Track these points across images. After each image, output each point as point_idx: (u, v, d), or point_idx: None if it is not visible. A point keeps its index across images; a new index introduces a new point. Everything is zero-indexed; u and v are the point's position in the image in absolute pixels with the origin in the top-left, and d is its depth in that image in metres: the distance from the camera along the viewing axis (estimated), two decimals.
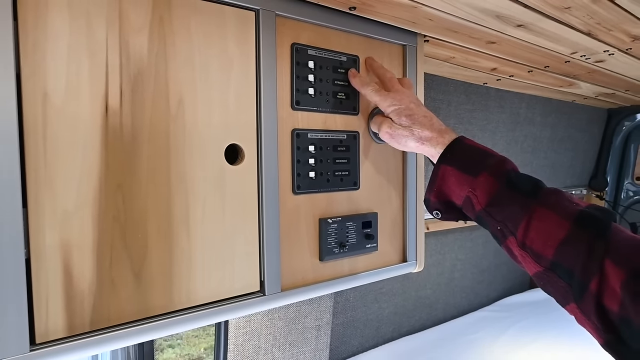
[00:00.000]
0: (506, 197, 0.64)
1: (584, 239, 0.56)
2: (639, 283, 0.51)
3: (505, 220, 0.64)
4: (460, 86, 1.43)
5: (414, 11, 0.79)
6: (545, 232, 0.59)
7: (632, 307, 0.51)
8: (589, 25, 0.91)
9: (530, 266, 0.62)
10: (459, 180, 0.68)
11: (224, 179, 0.66)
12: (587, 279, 0.55)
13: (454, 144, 0.70)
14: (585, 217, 0.58)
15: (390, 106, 0.75)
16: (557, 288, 0.59)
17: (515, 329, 1.80)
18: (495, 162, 0.67)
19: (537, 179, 0.66)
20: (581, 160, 2.21)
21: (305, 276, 0.77)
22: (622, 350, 0.54)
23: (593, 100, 1.91)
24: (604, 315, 0.54)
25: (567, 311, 0.60)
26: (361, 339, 1.54)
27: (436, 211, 0.74)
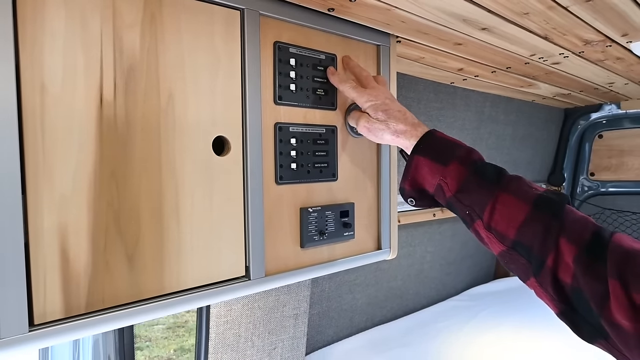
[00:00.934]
0: (473, 184, 0.70)
1: (541, 219, 0.63)
2: (589, 257, 0.58)
3: (472, 205, 0.70)
4: (430, 85, 1.51)
5: (387, 14, 0.85)
6: (508, 215, 0.66)
7: (582, 279, 0.58)
8: (546, 30, 0.99)
9: (495, 246, 0.68)
10: (431, 169, 0.74)
11: (211, 169, 0.69)
12: (544, 255, 0.62)
13: (426, 136, 0.76)
14: (542, 200, 0.65)
15: (367, 102, 0.80)
16: (519, 265, 0.66)
17: (480, 316, 1.90)
18: (463, 153, 0.73)
19: (501, 167, 0.72)
20: (540, 157, 2.34)
21: (287, 262, 0.81)
22: (574, 318, 0.61)
23: (551, 100, 2.03)
24: (558, 288, 0.61)
25: (528, 286, 0.67)
26: (336, 328, 1.60)
27: (411, 198, 0.80)
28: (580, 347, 1.51)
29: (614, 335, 0.56)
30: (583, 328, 0.60)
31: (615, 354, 0.58)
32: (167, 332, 4.74)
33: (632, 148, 2.28)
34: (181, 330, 4.76)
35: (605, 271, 0.56)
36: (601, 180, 2.40)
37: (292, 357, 1.25)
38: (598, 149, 2.40)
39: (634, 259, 0.55)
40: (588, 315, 0.58)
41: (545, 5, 0.83)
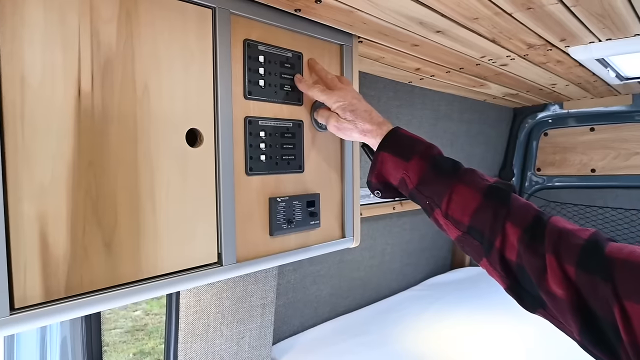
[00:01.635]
0: (432, 177, 0.77)
1: (491, 207, 0.71)
2: (530, 237, 0.66)
3: (432, 196, 0.77)
4: (389, 84, 1.59)
5: (350, 15, 0.91)
6: (463, 204, 0.74)
7: (525, 256, 0.66)
8: (494, 34, 1.08)
9: (452, 232, 0.76)
10: (395, 164, 0.81)
11: (185, 159, 0.73)
12: (493, 237, 0.69)
13: (390, 134, 0.83)
14: (492, 190, 0.73)
15: (335, 103, 0.86)
16: (473, 247, 0.73)
17: (437, 304, 2.00)
18: (424, 148, 0.81)
19: (457, 161, 0.80)
20: (492, 154, 2.49)
21: (257, 249, 0.86)
22: (519, 291, 0.69)
23: (501, 99, 2.17)
24: (505, 265, 0.69)
25: (481, 266, 0.74)
26: (301, 318, 1.65)
27: (377, 191, 0.87)
28: (524, 328, 1.63)
29: (550, 304, 0.64)
30: (526, 300, 0.68)
31: (552, 321, 0.66)
32: (126, 336, 4.63)
33: (574, 145, 2.47)
34: (140, 334, 4.67)
35: (543, 248, 0.64)
36: (547, 175, 2.58)
37: (259, 345, 1.29)
38: (544, 146, 2.57)
39: (566, 237, 0.64)
40: (530, 288, 0.66)
41: (492, 11, 0.91)
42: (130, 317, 4.96)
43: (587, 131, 2.42)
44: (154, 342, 4.58)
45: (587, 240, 0.62)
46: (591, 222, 2.38)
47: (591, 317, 0.59)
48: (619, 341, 0.56)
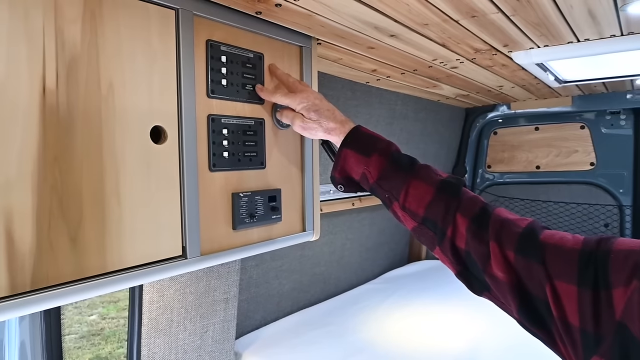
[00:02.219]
0: (391, 172, 0.84)
1: (443, 199, 0.78)
2: (476, 226, 0.73)
3: (391, 190, 0.83)
4: (347, 84, 1.64)
5: (309, 19, 0.95)
6: (418, 197, 0.80)
7: (472, 243, 0.73)
8: (443, 39, 1.15)
9: (409, 223, 0.82)
10: (356, 160, 0.87)
11: (149, 156, 0.75)
12: (445, 227, 0.76)
13: (352, 132, 0.89)
14: (444, 184, 0.80)
15: (299, 104, 0.91)
16: (428, 237, 0.80)
17: (395, 296, 2.08)
18: (383, 145, 0.87)
19: (413, 157, 0.87)
20: (445, 151, 2.61)
21: (221, 243, 0.89)
22: (468, 276, 0.76)
23: (453, 100, 2.28)
24: (456, 253, 0.76)
25: (435, 254, 0.81)
26: (264, 313, 1.68)
27: (340, 185, 0.92)
28: (474, 313, 1.74)
29: (493, 287, 0.71)
30: (474, 284, 0.75)
31: (495, 302, 0.74)
32: (81, 342, 4.49)
33: (520, 143, 2.63)
34: (97, 339, 4.54)
35: (488, 236, 0.71)
36: (496, 172, 2.73)
37: (223, 339, 1.31)
38: (493, 144, 2.72)
39: (507, 225, 0.71)
40: (477, 273, 0.73)
41: (440, 18, 0.98)
42: (85, 322, 4.81)
43: (533, 130, 2.58)
44: (112, 347, 4.47)
45: (525, 228, 0.70)
46: (536, 215, 2.55)
47: (527, 296, 0.66)
48: (551, 317, 0.63)
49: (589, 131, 2.42)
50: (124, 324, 4.70)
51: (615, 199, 2.37)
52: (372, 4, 0.88)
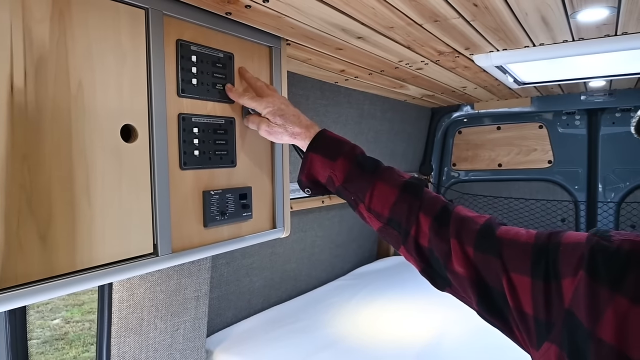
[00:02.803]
0: (356, 175, 0.87)
1: (406, 200, 0.81)
2: (438, 225, 0.77)
3: (356, 192, 0.86)
4: (316, 83, 1.67)
5: (278, 20, 0.97)
6: (383, 198, 0.83)
7: (434, 241, 0.77)
8: (408, 41, 1.20)
9: (374, 223, 0.86)
10: (322, 164, 0.89)
11: (120, 154, 0.75)
12: (409, 227, 0.80)
13: (318, 136, 0.91)
14: (407, 185, 0.83)
15: (265, 108, 0.93)
16: (393, 236, 0.83)
17: (364, 292, 2.13)
18: (348, 149, 0.90)
19: (378, 160, 0.90)
20: (413, 150, 2.68)
21: (192, 240, 0.90)
22: (431, 273, 0.80)
23: (419, 100, 2.35)
24: (419, 251, 0.80)
25: (400, 252, 0.85)
26: (235, 310, 1.69)
27: (307, 188, 0.94)
28: (437, 308, 1.81)
29: (454, 282, 0.75)
30: (437, 280, 0.79)
31: (457, 296, 0.78)
32: (44, 347, 4.34)
33: (483, 142, 2.73)
34: (60, 343, 4.40)
35: (449, 234, 0.75)
36: (461, 169, 2.82)
37: (194, 337, 1.32)
38: (458, 143, 2.81)
39: (467, 223, 0.75)
40: (439, 269, 0.77)
41: (405, 22, 1.03)
42: (48, 327, 4.66)
43: (495, 130, 2.68)
44: (77, 351, 4.35)
45: (483, 225, 0.74)
46: (498, 210, 2.66)
47: (486, 289, 0.70)
48: (508, 307, 0.68)
49: (547, 130, 2.54)
50: (90, 327, 4.58)
51: (571, 195, 2.50)
52: (339, 6, 0.91)
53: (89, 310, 4.90)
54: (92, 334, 4.47)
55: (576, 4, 0.93)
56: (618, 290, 0.57)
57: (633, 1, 0.92)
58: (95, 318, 3.81)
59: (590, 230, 0.65)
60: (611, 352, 0.55)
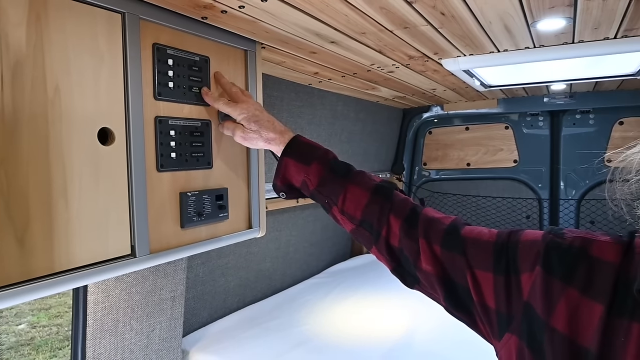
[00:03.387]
0: (329, 179, 0.90)
1: (378, 202, 0.85)
2: (408, 226, 0.81)
3: (330, 195, 0.89)
4: (290, 85, 1.70)
5: (253, 25, 1.00)
6: (355, 201, 0.87)
7: (404, 241, 0.81)
8: (380, 46, 1.24)
9: (347, 225, 0.89)
10: (297, 168, 0.92)
11: (97, 157, 0.76)
12: (380, 228, 0.83)
13: (292, 142, 0.94)
14: (378, 188, 0.87)
15: (240, 115, 0.95)
16: (365, 237, 0.87)
17: (338, 289, 2.17)
18: (321, 154, 0.93)
19: (350, 164, 0.93)
20: (385, 150, 2.73)
21: (169, 241, 0.91)
22: (402, 271, 0.84)
23: (391, 101, 2.41)
24: (390, 251, 0.83)
25: (372, 253, 0.88)
26: (210, 310, 1.70)
27: (282, 192, 0.97)
28: (409, 304, 1.86)
29: (423, 279, 0.79)
30: (407, 278, 0.83)
31: (426, 293, 0.82)
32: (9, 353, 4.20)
33: (453, 142, 2.81)
34: (26, 349, 4.27)
35: (417, 234, 0.79)
36: (432, 169, 2.90)
37: (170, 337, 1.33)
38: (429, 143, 2.89)
39: (434, 223, 0.79)
40: (409, 268, 0.81)
41: (376, 28, 1.06)
42: (13, 332, 4.51)
43: (463, 130, 2.77)
44: (43, 357, 4.23)
45: (449, 225, 0.78)
46: (467, 209, 2.75)
47: (452, 285, 0.74)
48: (472, 302, 0.72)
49: (512, 131, 2.64)
50: (57, 332, 4.46)
51: (535, 193, 2.61)
52: (313, 13, 0.94)
53: (56, 314, 4.78)
54: (60, 339, 4.36)
55: (536, 14, 0.99)
56: (570, 283, 0.62)
57: (587, 13, 0.98)
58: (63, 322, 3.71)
59: (546, 229, 0.70)
60: (563, 340, 0.60)
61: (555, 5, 0.94)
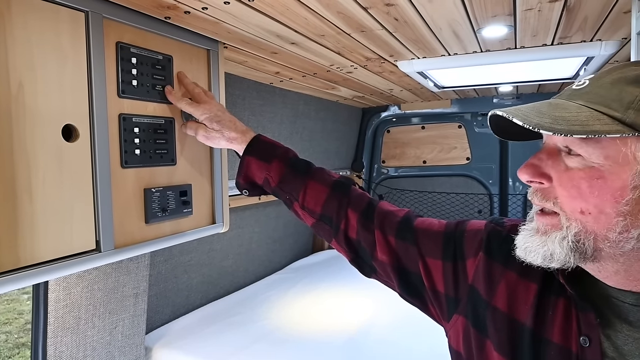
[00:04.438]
0: (290, 176, 0.94)
1: (336, 198, 0.90)
2: (364, 219, 0.86)
3: (291, 192, 0.94)
4: (253, 84, 1.73)
5: (216, 25, 1.02)
6: (315, 197, 0.91)
7: (361, 233, 0.86)
8: (339, 48, 1.30)
9: (308, 220, 0.93)
10: (259, 166, 0.95)
11: (61, 153, 0.77)
12: (339, 221, 0.89)
13: (253, 141, 0.97)
14: (336, 184, 0.92)
15: (202, 115, 0.97)
16: (325, 231, 0.92)
17: (300, 284, 2.22)
18: (282, 152, 0.97)
19: (309, 162, 0.98)
20: (345, 148, 2.81)
21: (134, 236, 0.93)
22: (359, 262, 0.89)
23: (351, 101, 2.48)
24: (349, 242, 0.89)
25: (332, 245, 0.93)
26: (173, 307, 1.70)
27: (245, 190, 1.00)
28: (368, 295, 1.94)
29: (379, 269, 0.85)
30: (364, 268, 0.89)
31: (382, 281, 0.88)
32: None
33: (410, 140, 2.92)
34: None
35: (373, 226, 0.85)
36: (390, 166, 3.00)
37: (133, 334, 1.33)
38: (387, 142, 2.99)
39: (389, 216, 0.85)
40: (366, 258, 0.87)
41: (335, 31, 1.12)
42: None
43: (419, 129, 2.89)
44: None
45: (402, 217, 0.85)
46: (423, 204, 2.86)
47: (406, 273, 0.81)
48: (424, 287, 0.79)
49: (465, 130, 2.78)
50: (7, 340, 4.27)
51: (486, 189, 2.76)
52: (274, 16, 0.98)
53: (4, 321, 4.56)
54: (10, 347, 4.17)
55: (480, 22, 1.08)
56: (508, 266, 0.69)
57: (526, 22, 1.08)
58: (12, 329, 3.55)
59: (488, 219, 0.78)
60: (503, 317, 0.67)
61: (497, 14, 1.02)
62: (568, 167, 0.56)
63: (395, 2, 0.93)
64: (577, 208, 0.55)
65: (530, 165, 0.59)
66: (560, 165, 0.57)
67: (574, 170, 0.55)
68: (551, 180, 0.58)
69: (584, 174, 0.54)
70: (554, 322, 0.64)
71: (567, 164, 0.56)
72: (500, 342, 0.66)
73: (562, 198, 0.56)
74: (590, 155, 0.53)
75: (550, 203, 0.58)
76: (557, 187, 0.57)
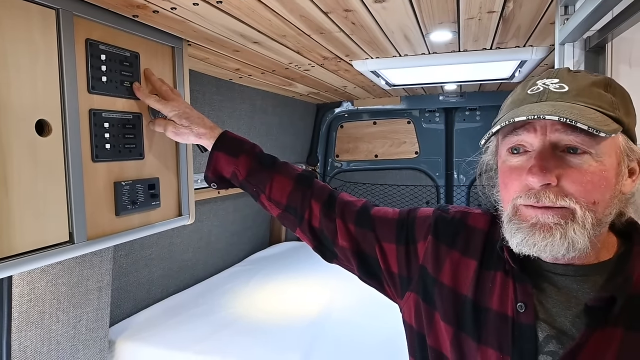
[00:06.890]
0: (257, 169, 0.99)
1: (300, 189, 0.97)
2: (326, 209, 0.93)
3: (258, 184, 0.99)
4: (212, 80, 1.76)
5: (183, 24, 1.06)
6: (280, 189, 0.98)
7: (324, 222, 0.93)
8: (298, 47, 1.36)
9: (274, 211, 0.99)
10: (226, 161, 1.00)
11: (35, 147, 0.79)
12: (303, 211, 0.95)
13: (221, 137, 1.02)
14: (300, 177, 0.99)
15: (171, 112, 1.01)
16: (290, 221, 0.98)
17: (259, 276, 2.27)
18: (249, 147, 1.02)
19: (274, 156, 1.04)
20: (301, 143, 2.88)
21: (105, 228, 0.96)
22: (322, 249, 0.96)
23: (307, 97, 2.55)
24: (312, 231, 0.95)
25: (296, 234, 0.99)
26: (134, 301, 1.71)
27: (213, 183, 1.04)
28: (325, 282, 2.03)
29: (340, 254, 0.93)
30: (326, 254, 0.96)
31: (343, 265, 0.95)
32: None
33: (362, 135, 3.04)
34: None
35: (335, 215, 0.92)
36: (344, 160, 3.11)
37: (97, 327, 1.34)
38: (341, 136, 3.09)
39: (349, 206, 0.93)
40: (328, 245, 0.94)
41: (296, 32, 1.19)
42: None
43: (371, 124, 3.01)
44: None
45: (360, 207, 0.93)
46: (375, 196, 3.00)
47: (364, 257, 0.89)
48: (380, 269, 0.87)
49: (414, 125, 2.93)
50: None
51: (433, 181, 2.93)
52: (240, 17, 1.03)
53: None
54: None
55: (429, 27, 1.18)
56: (453, 246, 0.79)
57: (468, 28, 1.20)
58: None
59: (435, 206, 0.88)
60: (449, 291, 0.77)
61: (443, 21, 1.13)
62: (577, 164, 0.61)
63: (354, 8, 1.01)
64: (591, 200, 0.61)
65: (541, 168, 0.60)
66: (567, 163, 0.61)
67: (585, 167, 0.61)
68: (558, 179, 0.61)
69: (595, 169, 0.61)
70: (492, 292, 0.74)
71: (574, 161, 0.61)
72: (446, 313, 0.75)
73: (578, 193, 0.60)
74: (597, 151, 0.61)
75: (565, 200, 0.60)
76: (570, 183, 0.60)
